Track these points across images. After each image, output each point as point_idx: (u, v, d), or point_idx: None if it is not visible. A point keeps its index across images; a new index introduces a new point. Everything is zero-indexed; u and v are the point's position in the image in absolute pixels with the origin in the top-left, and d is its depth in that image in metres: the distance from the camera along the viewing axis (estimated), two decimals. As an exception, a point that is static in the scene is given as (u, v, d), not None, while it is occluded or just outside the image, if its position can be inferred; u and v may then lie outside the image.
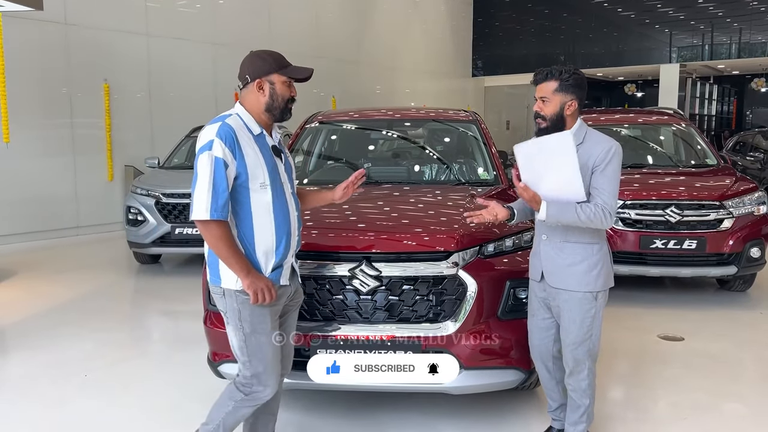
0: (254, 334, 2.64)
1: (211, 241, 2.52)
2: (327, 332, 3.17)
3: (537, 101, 2.92)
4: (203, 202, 2.46)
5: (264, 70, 2.63)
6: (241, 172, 2.54)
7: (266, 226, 2.62)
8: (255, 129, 2.64)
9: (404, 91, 18.46)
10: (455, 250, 3.18)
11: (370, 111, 5.24)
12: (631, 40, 20.20)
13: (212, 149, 2.48)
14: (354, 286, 3.15)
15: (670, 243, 5.71)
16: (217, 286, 2.66)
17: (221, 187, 2.48)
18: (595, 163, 2.81)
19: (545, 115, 2.89)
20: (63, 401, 3.86)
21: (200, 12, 11.79)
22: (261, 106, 2.64)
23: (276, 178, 2.65)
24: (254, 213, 2.60)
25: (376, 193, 4.15)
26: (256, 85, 2.62)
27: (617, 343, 4.84)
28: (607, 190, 2.80)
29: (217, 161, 2.48)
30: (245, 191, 2.58)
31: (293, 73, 2.67)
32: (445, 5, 20.23)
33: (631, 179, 6.22)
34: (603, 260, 2.92)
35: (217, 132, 2.51)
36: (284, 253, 2.68)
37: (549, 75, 2.88)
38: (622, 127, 7.78)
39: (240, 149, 2.53)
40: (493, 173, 4.47)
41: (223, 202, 2.48)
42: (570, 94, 2.87)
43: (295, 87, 2.73)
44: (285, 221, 2.67)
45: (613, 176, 2.82)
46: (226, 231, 2.52)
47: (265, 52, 2.68)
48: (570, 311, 2.91)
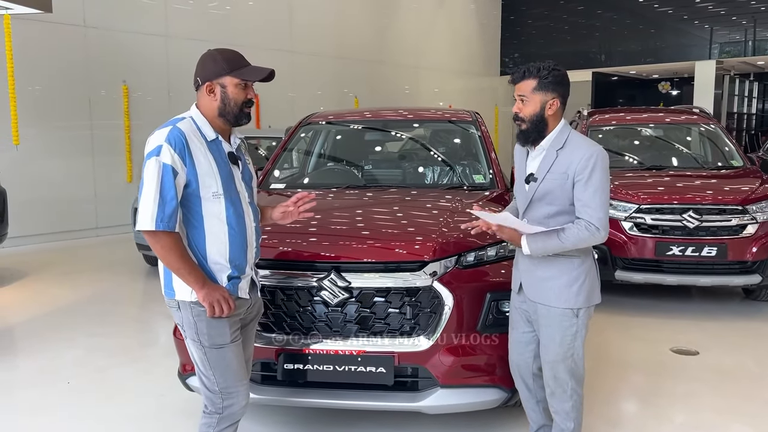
0: (213, 347, 2.49)
1: (160, 253, 2.37)
2: (294, 346, 3.01)
3: (516, 101, 2.71)
4: (149, 211, 2.31)
5: (214, 72, 2.46)
6: (192, 180, 2.39)
7: (219, 237, 2.47)
8: (209, 134, 2.48)
9: (433, 90, 18.25)
10: (431, 259, 2.98)
11: (365, 111, 5.06)
12: (668, 36, 19.64)
13: (160, 155, 2.33)
14: (322, 298, 2.98)
15: (688, 250, 5.40)
16: (171, 299, 2.52)
17: (169, 196, 2.33)
18: (575, 173, 2.59)
19: (524, 117, 2.68)
20: (39, 410, 3.78)
21: (220, 13, 11.78)
22: (214, 110, 2.48)
23: (231, 187, 2.49)
24: (207, 222, 2.45)
25: (356, 197, 3.97)
26: (207, 89, 2.46)
27: (626, 356, 4.58)
28: (593, 203, 2.58)
29: (165, 168, 2.32)
30: (197, 200, 2.43)
31: (247, 75, 2.48)
32: (473, 3, 19.94)
33: (647, 181, 5.92)
34: (586, 275, 2.69)
35: (166, 137, 2.36)
36: (240, 264, 2.53)
37: (527, 73, 2.68)
38: (645, 126, 7.45)
39: (190, 156, 2.38)
40: (490, 176, 4.25)
41: (171, 212, 2.33)
42: (551, 92, 2.65)
43: (254, 89, 2.55)
44: (240, 232, 2.51)
45: (599, 187, 2.58)
46: (175, 241, 2.37)
47: (219, 51, 2.50)
48: (548, 327, 2.71)
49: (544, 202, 2.66)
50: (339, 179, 4.52)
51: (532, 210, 2.70)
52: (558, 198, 2.64)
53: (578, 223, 2.58)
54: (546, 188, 2.64)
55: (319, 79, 13.93)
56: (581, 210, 2.60)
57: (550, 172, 2.64)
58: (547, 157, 2.67)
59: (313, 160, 4.96)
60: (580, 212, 2.60)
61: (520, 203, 2.79)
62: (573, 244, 2.58)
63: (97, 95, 9.84)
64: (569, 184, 2.61)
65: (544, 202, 2.66)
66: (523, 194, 2.75)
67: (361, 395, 3.02)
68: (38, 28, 8.83)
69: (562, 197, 2.63)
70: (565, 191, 2.62)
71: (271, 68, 2.53)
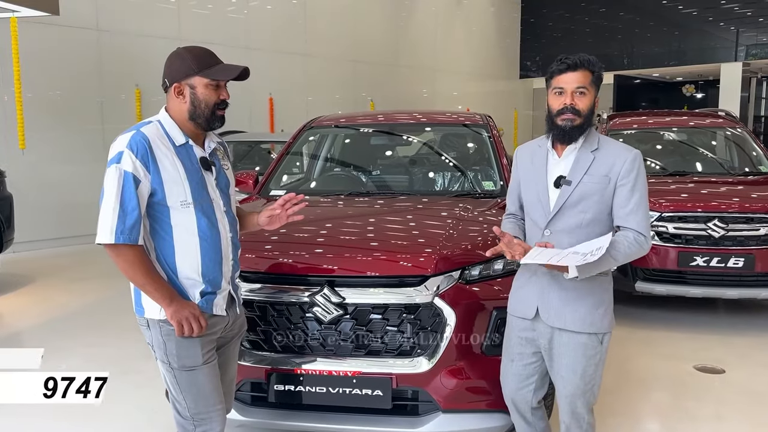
0: (184, 369, 2.30)
1: (122, 268, 2.19)
2: (286, 366, 2.81)
3: (565, 94, 2.36)
4: (108, 223, 2.13)
5: (182, 72, 2.26)
6: (157, 188, 2.20)
7: (190, 249, 2.27)
8: (178, 139, 2.29)
9: (452, 94, 18.03)
10: (432, 274, 2.76)
11: (370, 115, 4.85)
12: (692, 38, 19.25)
13: (121, 162, 2.15)
14: (315, 315, 2.78)
15: (714, 260, 5.11)
16: (141, 317, 2.34)
17: (130, 206, 2.14)
18: (619, 176, 2.35)
19: (581, 110, 2.36)
20: (25, 423, 3.63)
21: (233, 16, 11.68)
22: (184, 113, 2.29)
23: (202, 195, 2.30)
24: (176, 234, 2.26)
25: (357, 204, 3.76)
26: (175, 91, 2.27)
27: (647, 373, 4.32)
28: (641, 210, 2.35)
29: (126, 176, 2.14)
30: (164, 209, 2.24)
31: (217, 75, 2.27)
32: (492, 6, 19.70)
33: (670, 188, 5.64)
34: (611, 297, 2.46)
35: (127, 143, 2.17)
36: (214, 279, 2.33)
37: (584, 63, 2.37)
38: (668, 130, 7.15)
39: (155, 162, 2.19)
40: (500, 183, 4.01)
41: (132, 223, 2.14)
42: (597, 88, 2.42)
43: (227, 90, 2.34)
44: (213, 243, 2.31)
45: (644, 192, 2.37)
46: (138, 255, 2.18)
47: (187, 49, 2.30)
48: (570, 357, 2.42)
49: (577, 209, 2.38)
50: (341, 185, 4.32)
51: (562, 218, 2.40)
52: (595, 204, 2.37)
53: (625, 235, 2.33)
54: (583, 192, 2.37)
55: (337, 83, 13.79)
56: (626, 218, 2.35)
57: (588, 175, 2.37)
58: (581, 159, 2.41)
59: (315, 165, 4.76)
60: (626, 221, 2.35)
61: (538, 213, 2.47)
62: (624, 260, 2.34)
63: (109, 99, 9.77)
64: (610, 188, 2.36)
65: (578, 209, 2.38)
66: (545, 201, 2.44)
67: (357, 419, 2.81)
68: (51, 32, 8.78)
69: (600, 203, 2.37)
70: (604, 197, 2.37)
71: (244, 66, 2.32)
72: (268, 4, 12.36)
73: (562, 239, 2.39)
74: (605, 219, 2.40)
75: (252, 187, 4.29)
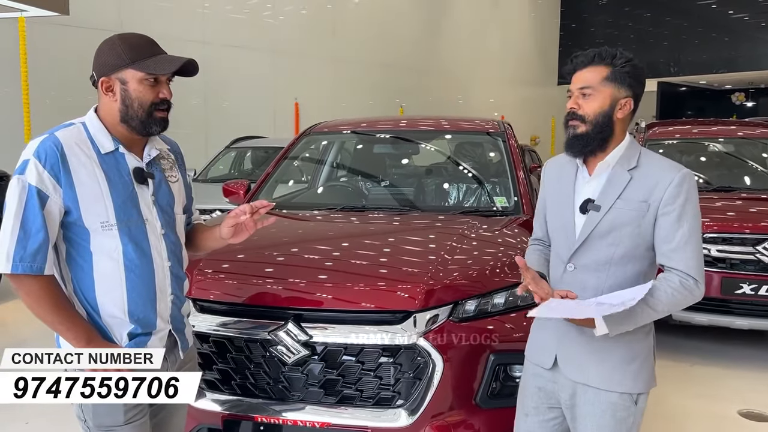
0: (101, 429, 1.86)
1: (26, 302, 1.78)
2: (244, 412, 2.40)
3: (572, 96, 1.93)
4: (5, 247, 1.72)
5: (112, 64, 1.83)
6: (71, 205, 1.77)
7: (113, 281, 1.84)
8: (105, 145, 1.85)
9: (489, 100, 17.55)
10: (417, 309, 2.32)
11: (373, 122, 4.41)
12: (743, 44, 18.42)
13: (25, 173, 1.73)
14: (277, 354, 2.36)
15: (762, 289, 4.53)
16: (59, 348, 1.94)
17: (33, 228, 1.72)
18: (661, 203, 1.85)
19: (584, 114, 1.89)
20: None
21: (258, 20, 11.46)
22: (115, 114, 1.86)
23: (132, 214, 1.86)
24: (96, 262, 1.82)
25: (344, 222, 3.33)
26: (103, 86, 1.85)
27: (683, 417, 3.79)
28: (690, 247, 1.83)
29: (30, 191, 1.72)
30: (83, 232, 1.81)
31: (154, 68, 1.84)
32: (532, 11, 19.15)
33: (714, 205, 5.06)
34: (651, 348, 1.96)
35: (35, 150, 1.75)
36: (145, 318, 1.89)
37: (597, 57, 1.90)
38: (715, 141, 6.54)
39: (68, 174, 1.76)
40: (514, 199, 3.54)
41: (36, 248, 1.72)
42: (625, 87, 1.89)
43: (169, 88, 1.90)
44: (143, 275, 1.87)
45: (694, 225, 1.85)
46: (45, 287, 1.76)
47: (121, 37, 1.88)
48: (594, 417, 1.93)
49: (606, 240, 1.91)
50: (334, 198, 3.93)
51: (588, 251, 1.94)
52: (628, 237, 1.88)
53: (669, 278, 1.84)
54: (614, 221, 1.90)
55: (367, 88, 13.46)
56: (670, 256, 1.85)
57: (621, 199, 1.89)
58: (614, 179, 1.91)
59: (312, 175, 4.36)
60: (670, 260, 1.85)
61: (561, 242, 2.02)
62: (668, 310, 1.85)
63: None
64: (650, 218, 1.87)
65: (607, 240, 1.91)
66: (570, 229, 1.98)
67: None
68: (74, 34, 8.69)
69: (635, 236, 1.88)
70: (642, 228, 1.87)
71: (188, 58, 1.88)
72: (302, 8, 12.11)
73: (588, 278, 1.92)
74: (643, 255, 1.90)
75: (243, 197, 3.92)
